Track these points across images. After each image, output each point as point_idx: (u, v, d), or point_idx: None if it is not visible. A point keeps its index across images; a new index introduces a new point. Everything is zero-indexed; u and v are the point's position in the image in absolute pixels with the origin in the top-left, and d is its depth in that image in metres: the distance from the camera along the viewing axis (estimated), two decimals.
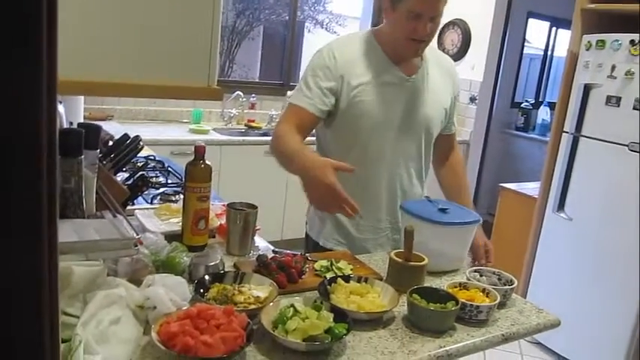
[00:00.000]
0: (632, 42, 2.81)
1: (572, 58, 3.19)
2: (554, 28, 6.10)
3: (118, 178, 1.83)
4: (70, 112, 2.24)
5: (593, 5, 3.11)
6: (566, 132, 3.16)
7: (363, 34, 1.83)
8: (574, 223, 3.13)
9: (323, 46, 1.81)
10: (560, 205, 3.20)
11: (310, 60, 1.81)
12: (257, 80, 6.02)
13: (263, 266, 1.47)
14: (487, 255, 1.91)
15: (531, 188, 3.73)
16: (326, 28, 6.68)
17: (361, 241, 1.87)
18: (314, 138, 1.96)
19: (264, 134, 4.44)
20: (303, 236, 2.04)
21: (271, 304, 1.24)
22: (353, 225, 1.85)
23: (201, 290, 1.29)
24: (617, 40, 2.89)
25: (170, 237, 1.55)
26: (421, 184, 1.93)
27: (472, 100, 4.85)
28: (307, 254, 1.63)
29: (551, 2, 5.56)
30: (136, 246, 1.27)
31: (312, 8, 6.67)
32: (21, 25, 0.47)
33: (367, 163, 1.79)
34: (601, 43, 2.97)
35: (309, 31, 6.73)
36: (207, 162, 1.58)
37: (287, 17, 5.01)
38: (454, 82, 1.93)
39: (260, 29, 6.84)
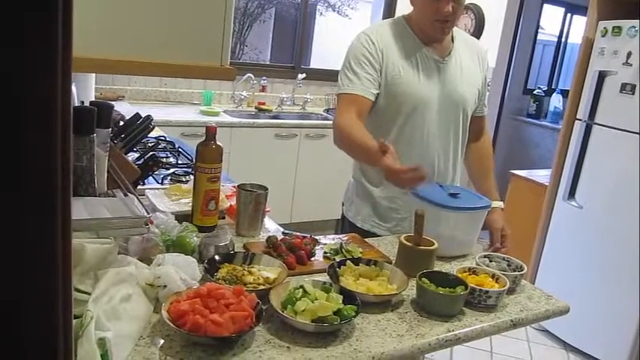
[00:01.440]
0: None
1: (587, 45, 3.15)
2: (569, 15, 6.02)
3: (129, 158, 1.83)
4: (82, 91, 2.25)
5: None
6: (579, 119, 3.13)
7: (394, 20, 1.89)
8: (584, 211, 3.11)
9: (358, 35, 1.86)
10: (571, 193, 3.18)
11: (349, 50, 1.85)
12: (268, 63, 5.99)
13: (273, 247, 1.47)
14: (503, 240, 1.92)
15: (542, 175, 3.70)
16: (338, 12, 6.62)
17: (398, 220, 1.91)
18: None
19: (275, 117, 4.43)
20: (313, 220, 2.06)
21: (280, 285, 1.25)
22: (391, 207, 1.90)
23: (211, 270, 1.30)
24: (634, 27, 2.84)
25: (180, 217, 1.55)
26: (454, 167, 1.96)
27: None
28: (317, 237, 1.63)
29: None
30: (147, 225, 1.27)
31: None
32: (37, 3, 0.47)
33: (405, 145, 1.83)
34: (617, 30, 2.92)
35: (321, 14, 6.67)
36: (218, 143, 1.58)
37: (299, 0, 4.97)
38: (483, 63, 1.97)
39: (272, 11, 6.79)
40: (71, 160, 0.55)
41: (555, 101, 5.56)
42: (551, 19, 6.00)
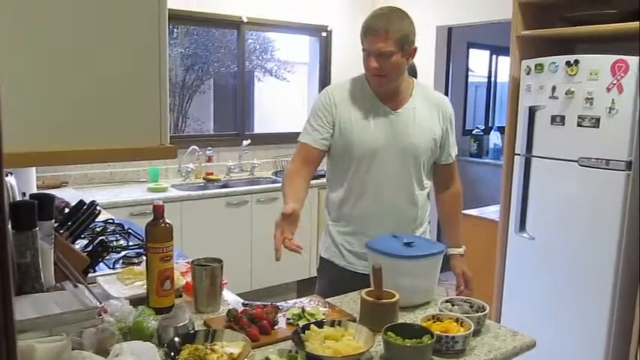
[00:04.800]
0: (567, 63, 2.94)
1: (515, 83, 3.31)
2: (494, 56, 6.34)
3: (77, 246, 1.78)
4: (22, 182, 2.18)
5: (527, 32, 3.24)
6: (518, 154, 3.25)
7: (357, 77, 2.06)
8: (536, 241, 3.18)
9: (322, 91, 2.09)
10: (522, 226, 3.26)
11: (313, 103, 2.07)
12: (212, 133, 6.01)
13: (234, 321, 1.44)
14: (466, 283, 2.04)
15: (492, 212, 3.79)
16: (275, 76, 6.75)
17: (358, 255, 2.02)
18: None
19: (224, 186, 4.41)
20: (274, 285, 2.05)
21: (245, 359, 1.21)
22: (350, 244, 2.05)
23: (172, 354, 1.25)
24: (554, 63, 3.01)
25: (136, 301, 1.51)
26: (414, 208, 2.04)
27: None
28: (278, 304, 1.61)
29: (489, 32, 5.77)
30: (100, 315, 1.23)
31: (260, 57, 6.74)
32: None
33: (360, 187, 1.97)
34: (539, 67, 3.09)
35: (259, 79, 6.79)
36: (167, 221, 1.56)
37: (236, 68, 5.05)
38: (444, 115, 2.06)
39: (210, 82, 6.87)
40: (9, 258, 0.53)
41: (494, 138, 5.77)
42: (479, 61, 6.30)
